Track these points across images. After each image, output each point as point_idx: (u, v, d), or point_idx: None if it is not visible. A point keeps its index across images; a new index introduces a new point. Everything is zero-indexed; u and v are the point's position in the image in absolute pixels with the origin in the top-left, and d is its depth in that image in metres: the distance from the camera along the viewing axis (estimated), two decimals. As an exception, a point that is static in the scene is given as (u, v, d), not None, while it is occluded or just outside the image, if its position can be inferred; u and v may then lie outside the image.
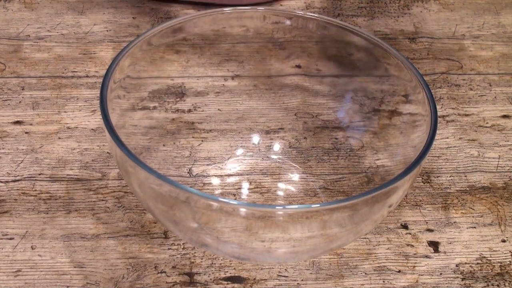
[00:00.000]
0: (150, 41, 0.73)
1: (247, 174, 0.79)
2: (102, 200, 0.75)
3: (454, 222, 0.76)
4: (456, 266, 0.72)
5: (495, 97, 0.93)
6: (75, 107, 0.86)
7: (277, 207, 0.67)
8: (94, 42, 0.97)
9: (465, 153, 0.84)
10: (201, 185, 0.77)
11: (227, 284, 0.68)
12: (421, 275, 0.70)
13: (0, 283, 0.67)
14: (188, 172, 0.78)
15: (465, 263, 0.72)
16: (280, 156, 0.81)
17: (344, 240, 0.66)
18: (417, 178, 0.80)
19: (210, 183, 0.78)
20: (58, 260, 0.69)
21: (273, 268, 0.70)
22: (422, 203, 0.78)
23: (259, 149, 0.82)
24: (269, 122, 0.84)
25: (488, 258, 0.73)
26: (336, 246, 0.68)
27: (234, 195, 0.77)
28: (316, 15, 0.76)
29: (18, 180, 0.77)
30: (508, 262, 0.72)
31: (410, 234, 0.74)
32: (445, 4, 1.10)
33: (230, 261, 0.70)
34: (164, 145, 0.79)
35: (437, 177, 0.81)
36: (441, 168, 0.82)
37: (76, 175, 0.78)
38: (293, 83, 0.87)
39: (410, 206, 0.77)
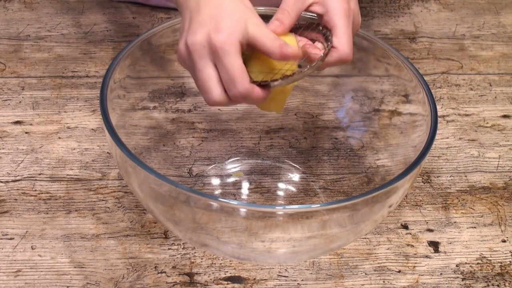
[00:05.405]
0: (150, 41, 0.73)
1: (247, 174, 0.79)
2: (102, 200, 0.75)
3: (454, 222, 0.76)
4: (456, 266, 0.72)
5: (495, 97, 0.93)
6: (75, 107, 0.86)
7: (277, 207, 0.67)
8: (94, 42, 0.97)
9: (465, 153, 0.84)
10: (201, 185, 0.77)
11: (227, 284, 0.68)
12: (421, 275, 0.70)
13: (0, 283, 0.67)
14: (188, 172, 0.78)
15: (465, 263, 0.72)
16: (280, 156, 0.81)
17: (344, 240, 0.66)
18: (417, 178, 0.80)
19: (210, 183, 0.78)
20: (58, 260, 0.69)
21: (273, 268, 0.70)
22: (422, 203, 0.78)
23: (259, 149, 0.82)
24: (269, 122, 0.84)
25: (488, 258, 0.73)
26: (336, 246, 0.68)
27: (234, 195, 0.77)
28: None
29: (18, 180, 0.77)
30: (509, 262, 0.72)
31: (410, 234, 0.74)
32: (445, 4, 1.10)
33: (230, 261, 0.70)
34: (164, 145, 0.79)
35: (437, 177, 0.81)
36: (441, 168, 0.82)
37: (76, 175, 0.78)
38: (293, 83, 0.87)
39: (410, 206, 0.77)
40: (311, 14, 0.68)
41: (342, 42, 0.64)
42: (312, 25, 0.67)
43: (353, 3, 0.66)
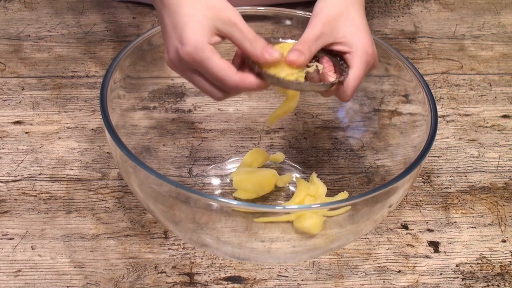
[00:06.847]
0: (150, 41, 0.73)
1: (247, 174, 0.79)
2: (102, 200, 0.75)
3: (454, 222, 0.76)
4: (456, 266, 0.72)
5: (495, 97, 0.93)
6: (75, 107, 0.86)
7: (277, 207, 0.67)
8: (94, 42, 0.97)
9: (465, 153, 0.84)
10: (201, 185, 0.77)
11: (227, 284, 0.68)
12: (421, 275, 0.70)
13: (0, 283, 0.67)
14: (188, 172, 0.78)
15: (465, 263, 0.72)
16: (280, 156, 0.81)
17: (344, 240, 0.66)
18: (417, 178, 0.80)
19: (210, 183, 0.78)
20: (58, 260, 0.69)
21: (273, 268, 0.70)
22: (422, 203, 0.78)
23: (259, 149, 0.82)
24: (269, 122, 0.84)
25: (488, 258, 0.73)
26: (336, 246, 0.68)
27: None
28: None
29: (18, 180, 0.77)
30: (508, 262, 0.72)
31: (410, 234, 0.74)
32: (445, 4, 1.10)
33: (230, 261, 0.70)
34: (164, 145, 0.79)
35: (437, 177, 0.81)
36: (441, 168, 0.82)
37: (76, 175, 0.78)
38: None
39: (410, 206, 0.77)
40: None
41: (349, 85, 0.63)
42: (331, 52, 0.65)
43: (374, 46, 0.65)
